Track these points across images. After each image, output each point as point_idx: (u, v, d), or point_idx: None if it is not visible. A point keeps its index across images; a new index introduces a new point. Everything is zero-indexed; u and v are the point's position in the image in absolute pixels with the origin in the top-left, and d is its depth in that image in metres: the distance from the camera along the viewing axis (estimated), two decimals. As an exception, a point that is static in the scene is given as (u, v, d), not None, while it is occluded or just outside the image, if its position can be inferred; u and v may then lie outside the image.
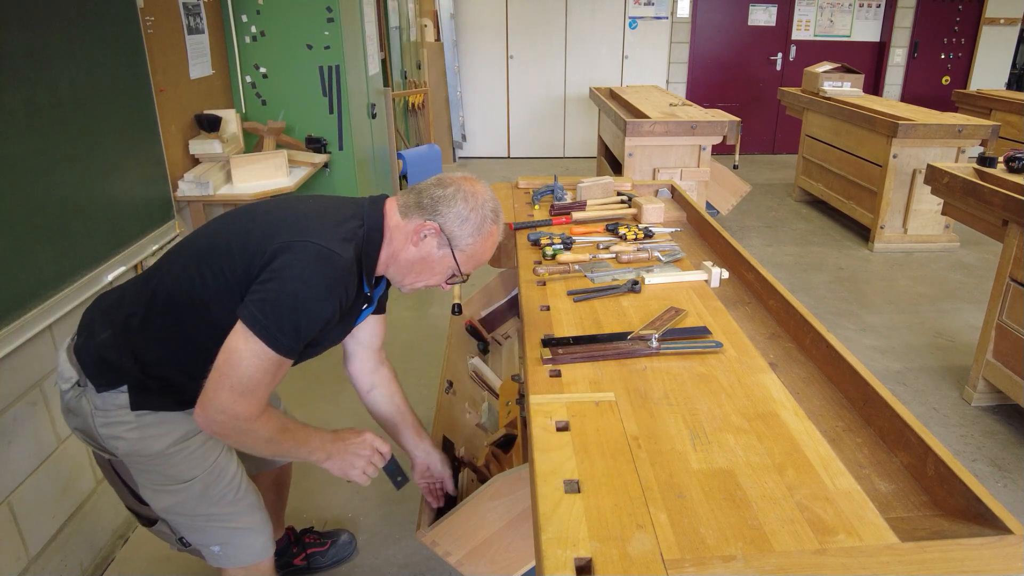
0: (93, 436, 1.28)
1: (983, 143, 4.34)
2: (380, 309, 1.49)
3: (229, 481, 1.37)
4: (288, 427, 1.24)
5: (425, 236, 1.27)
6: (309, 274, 1.15)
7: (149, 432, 1.26)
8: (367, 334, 1.50)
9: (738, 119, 4.16)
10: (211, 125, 2.67)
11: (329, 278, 1.17)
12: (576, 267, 1.78)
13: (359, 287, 1.29)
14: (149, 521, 1.43)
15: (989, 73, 7.54)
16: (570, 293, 1.64)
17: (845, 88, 5.44)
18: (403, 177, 4.56)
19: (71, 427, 1.32)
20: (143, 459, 1.28)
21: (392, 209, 1.31)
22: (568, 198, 2.35)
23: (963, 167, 2.90)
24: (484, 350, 2.45)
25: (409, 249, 1.29)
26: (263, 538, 1.44)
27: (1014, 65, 7.66)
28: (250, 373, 1.12)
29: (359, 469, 1.35)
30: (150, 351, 1.24)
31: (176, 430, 1.28)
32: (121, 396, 1.24)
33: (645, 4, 7.13)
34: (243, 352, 1.12)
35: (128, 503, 1.44)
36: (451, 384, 2.34)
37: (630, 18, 7.18)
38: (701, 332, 1.40)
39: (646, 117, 4.18)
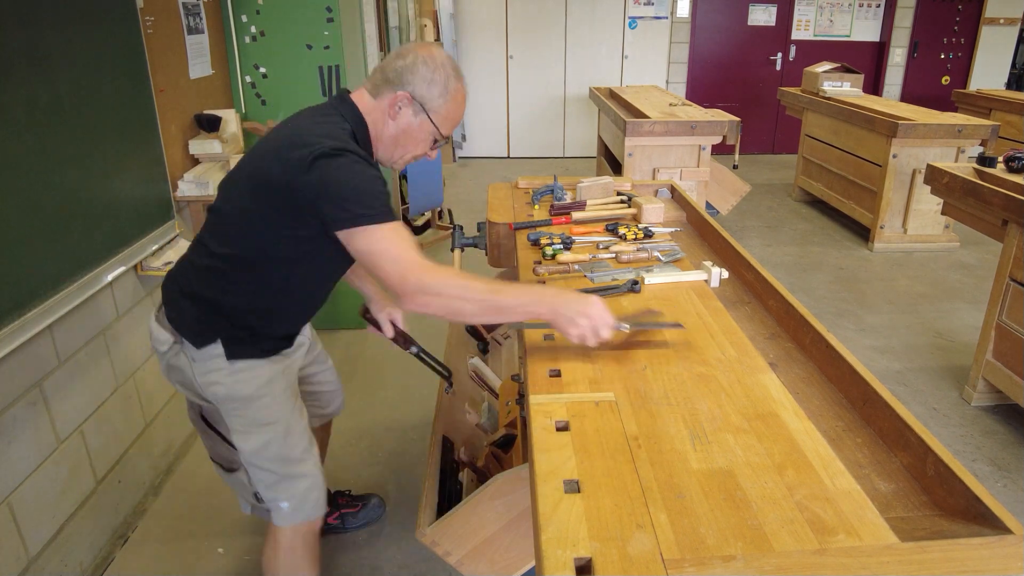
0: (192, 386, 1.46)
1: (983, 143, 4.34)
2: None
3: (303, 430, 1.53)
4: (490, 281, 1.31)
5: (400, 108, 1.38)
6: (341, 161, 1.26)
7: (240, 377, 1.43)
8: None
9: (738, 119, 4.16)
10: (211, 125, 2.67)
11: (352, 156, 1.28)
12: (576, 267, 1.78)
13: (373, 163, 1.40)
14: (230, 469, 1.58)
15: (989, 73, 7.54)
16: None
17: (845, 88, 5.44)
18: (403, 177, 4.56)
19: (172, 381, 1.50)
20: (236, 402, 1.44)
21: (361, 96, 1.41)
22: (568, 198, 2.35)
23: (963, 167, 2.90)
24: (484, 350, 2.45)
25: (389, 124, 1.40)
26: (323, 494, 1.57)
27: (1014, 65, 7.67)
28: (397, 254, 1.23)
29: (581, 330, 1.26)
30: (232, 305, 1.40)
31: (262, 375, 1.45)
32: (216, 348, 1.40)
33: (645, 4, 7.13)
34: (377, 246, 1.24)
35: (215, 453, 1.60)
36: (451, 384, 2.34)
37: (630, 18, 7.18)
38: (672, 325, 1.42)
39: (646, 117, 4.18)
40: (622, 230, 2.01)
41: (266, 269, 1.38)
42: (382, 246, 1.24)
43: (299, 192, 1.27)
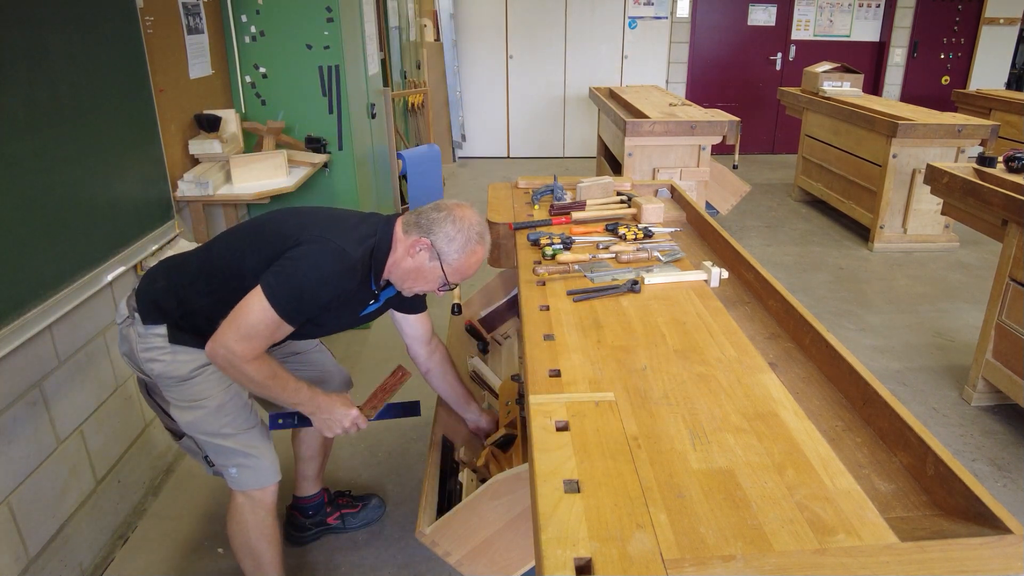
0: (135, 359, 1.60)
1: (983, 143, 4.34)
2: (421, 307, 1.82)
3: (241, 407, 1.65)
4: (279, 376, 1.51)
5: (420, 250, 1.55)
6: (320, 262, 1.45)
7: (178, 358, 1.56)
8: (413, 329, 1.83)
9: (738, 119, 4.16)
10: (211, 125, 2.67)
11: (334, 271, 1.46)
12: (576, 267, 1.78)
13: (366, 285, 1.57)
14: (178, 436, 1.71)
15: (989, 73, 7.54)
16: (570, 293, 1.64)
17: (845, 88, 5.44)
18: (403, 177, 4.55)
19: (120, 352, 1.65)
20: (171, 380, 1.57)
21: (399, 226, 1.59)
22: (568, 198, 2.35)
23: (963, 167, 2.90)
24: (484, 350, 2.44)
25: (407, 259, 1.57)
26: (271, 464, 1.67)
27: (1013, 65, 7.66)
28: (253, 323, 1.41)
29: (336, 431, 1.63)
30: (192, 302, 1.54)
31: (197, 360, 1.57)
32: (160, 329, 1.55)
33: (645, 4, 7.13)
34: (253, 307, 1.41)
35: (163, 422, 1.74)
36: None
37: (630, 18, 7.18)
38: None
39: (646, 117, 4.18)
40: (622, 230, 2.01)
41: (225, 282, 1.52)
42: (254, 312, 1.41)
43: (284, 245, 1.47)
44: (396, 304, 1.76)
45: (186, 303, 1.55)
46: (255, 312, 1.41)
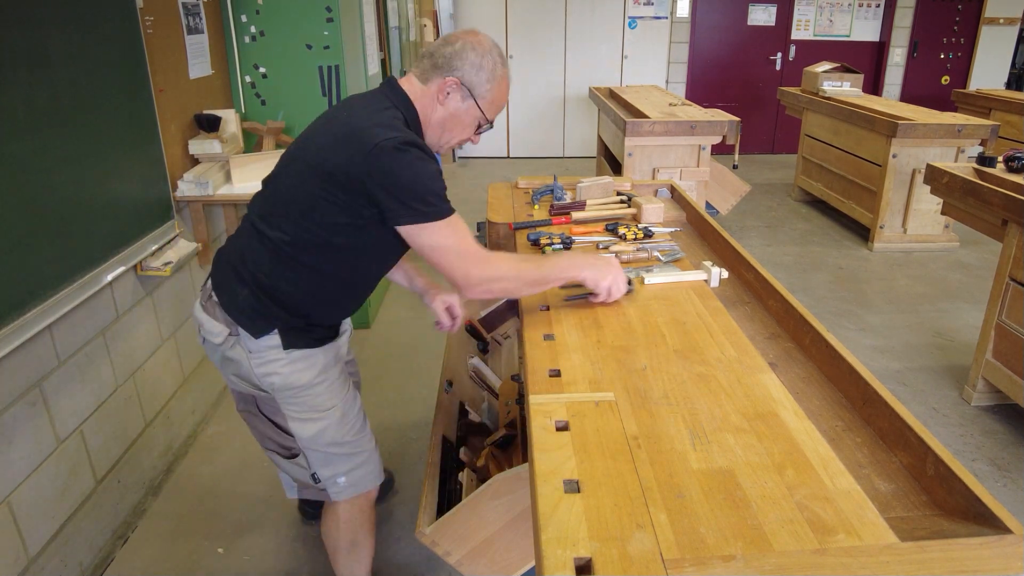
0: (250, 378, 1.48)
1: (982, 143, 4.34)
2: None
3: (358, 412, 1.61)
4: (533, 258, 1.46)
5: (449, 93, 1.41)
6: (403, 157, 1.29)
7: (297, 366, 1.46)
8: None
9: (738, 119, 4.16)
10: (211, 125, 2.67)
11: (412, 149, 1.31)
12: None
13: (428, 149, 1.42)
14: (289, 455, 1.60)
15: (988, 73, 7.54)
16: (564, 291, 1.63)
17: (845, 88, 5.44)
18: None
19: (227, 374, 1.52)
20: (293, 391, 1.47)
21: (410, 83, 1.44)
22: (568, 198, 2.35)
23: (963, 167, 2.90)
24: (484, 350, 2.45)
25: (438, 109, 1.43)
26: (377, 467, 1.65)
27: (1013, 65, 7.66)
28: (456, 247, 1.33)
29: (610, 283, 1.47)
30: (288, 296, 1.42)
31: (318, 363, 1.49)
32: (273, 338, 1.43)
33: (645, 4, 7.13)
34: (440, 242, 1.33)
35: (270, 442, 1.61)
36: (451, 384, 2.34)
37: (630, 18, 7.18)
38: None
39: (646, 117, 4.18)
40: (622, 230, 2.01)
41: (324, 256, 1.40)
42: (447, 242, 1.33)
43: (362, 184, 1.30)
44: None
45: (284, 300, 1.42)
46: (442, 242, 1.33)
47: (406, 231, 1.34)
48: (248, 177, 2.67)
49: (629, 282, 1.56)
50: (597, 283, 1.47)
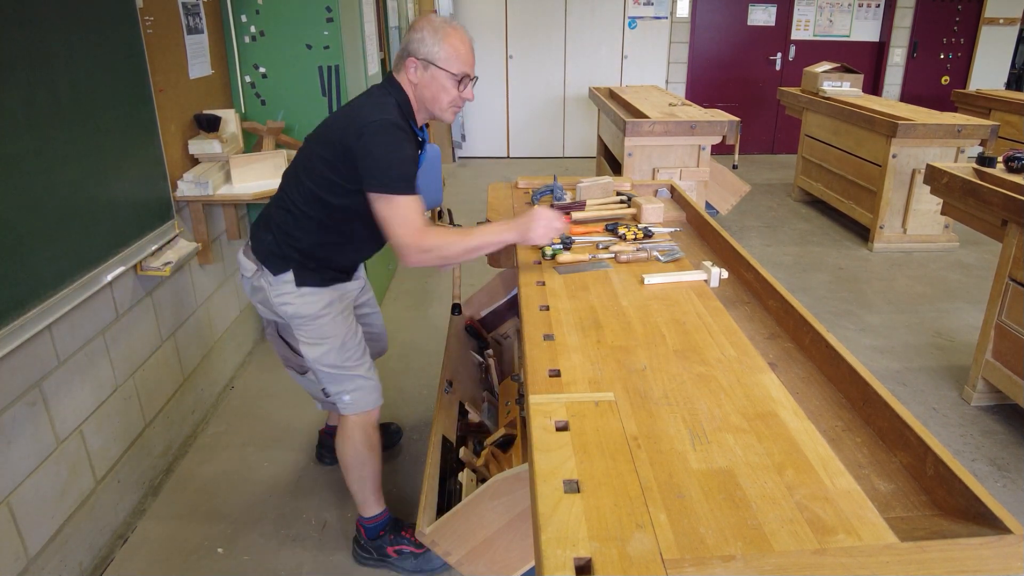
0: (269, 304, 1.84)
1: (982, 143, 4.34)
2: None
3: (358, 343, 1.90)
4: (467, 231, 1.72)
5: (414, 70, 1.72)
6: (383, 137, 1.62)
7: (306, 299, 1.79)
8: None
9: (737, 119, 4.16)
10: (210, 125, 2.67)
11: (394, 131, 1.64)
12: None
13: (414, 136, 1.75)
14: (301, 371, 2.04)
15: (988, 73, 7.54)
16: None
17: (844, 88, 5.44)
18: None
19: (255, 300, 1.90)
20: (302, 319, 1.81)
21: (398, 75, 1.76)
22: (567, 198, 2.35)
23: (962, 167, 2.90)
24: (484, 349, 2.45)
25: (416, 88, 1.74)
26: (376, 392, 1.94)
27: (1013, 65, 7.66)
28: (405, 218, 1.62)
29: (541, 232, 1.72)
30: (303, 242, 1.76)
31: (324, 299, 1.81)
32: (288, 276, 1.77)
33: (645, 4, 7.13)
34: (390, 212, 1.62)
35: (288, 361, 2.05)
36: (451, 384, 2.34)
37: (629, 18, 7.18)
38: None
39: (646, 117, 4.18)
40: (622, 230, 2.01)
41: (326, 212, 1.73)
42: (395, 212, 1.62)
43: (351, 151, 1.63)
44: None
45: (299, 245, 1.76)
46: (395, 213, 1.61)
47: (370, 197, 1.64)
48: (248, 177, 2.67)
49: (568, 240, 1.89)
50: (525, 238, 1.72)
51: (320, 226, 1.75)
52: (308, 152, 1.76)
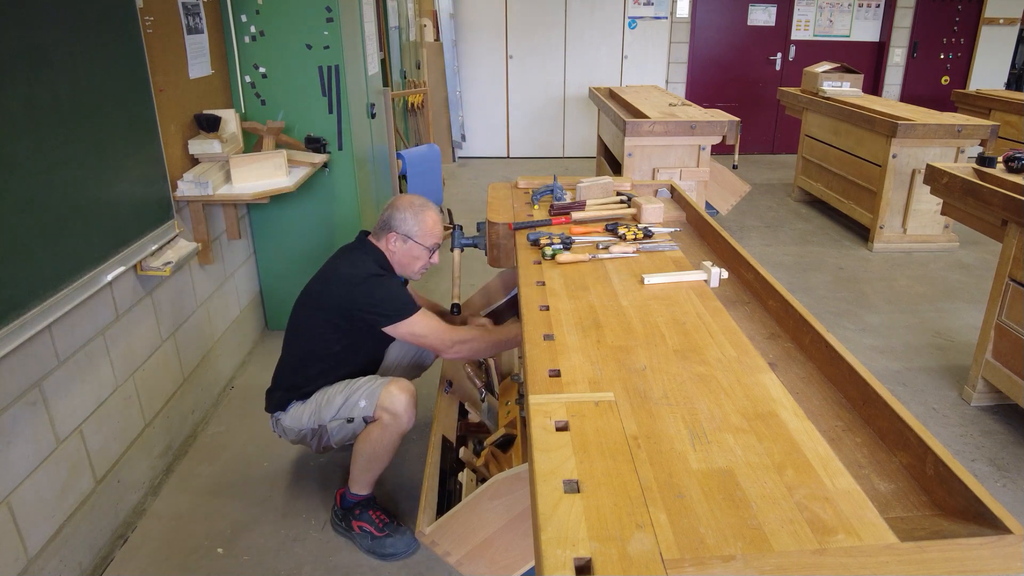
0: (298, 431, 2.12)
1: (982, 143, 4.34)
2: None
3: (345, 385, 2.06)
4: (488, 330, 2.13)
5: (394, 241, 2.09)
6: (380, 283, 2.00)
7: (306, 410, 2.11)
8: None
9: (737, 119, 4.16)
10: (210, 125, 2.67)
11: (387, 279, 2.04)
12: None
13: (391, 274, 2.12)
14: (348, 440, 2.11)
15: (988, 73, 7.54)
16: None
17: (844, 88, 5.44)
18: (402, 177, 4.55)
19: (289, 440, 2.19)
20: (312, 412, 2.08)
21: (375, 239, 2.13)
22: (567, 198, 2.35)
23: (962, 167, 2.90)
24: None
25: (393, 254, 2.11)
26: (381, 386, 2.00)
27: (1013, 65, 7.67)
28: (430, 330, 1.99)
29: None
30: (307, 387, 2.10)
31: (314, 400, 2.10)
32: (294, 406, 2.12)
33: (645, 4, 7.13)
34: (414, 331, 1.98)
35: (323, 446, 2.16)
36: (451, 384, 2.34)
37: (629, 18, 7.18)
38: None
39: (646, 117, 4.18)
40: (622, 230, 2.01)
41: (327, 363, 2.07)
42: (419, 329, 1.98)
43: (353, 306, 1.98)
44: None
45: (303, 389, 2.10)
46: (416, 332, 1.97)
47: (390, 329, 1.97)
48: (248, 177, 2.67)
49: None
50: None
51: (319, 368, 2.08)
52: (307, 317, 2.09)
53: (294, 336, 2.13)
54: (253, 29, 2.96)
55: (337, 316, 2.00)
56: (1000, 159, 2.83)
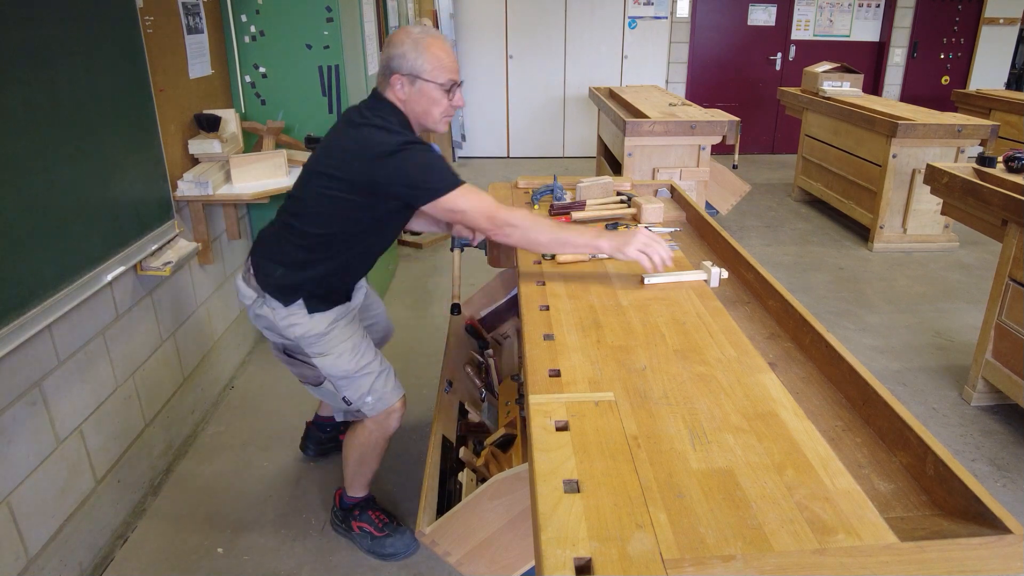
0: (276, 328, 1.85)
1: (982, 143, 4.34)
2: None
3: (367, 346, 1.91)
4: (550, 223, 1.71)
5: (400, 87, 1.69)
6: (411, 154, 1.61)
7: (315, 319, 1.81)
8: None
9: (737, 119, 4.16)
10: (210, 125, 2.67)
11: (413, 146, 1.63)
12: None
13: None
14: (318, 383, 1.96)
15: (988, 73, 7.54)
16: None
17: (844, 88, 5.44)
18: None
19: (259, 326, 1.90)
20: (312, 337, 1.82)
21: (386, 92, 1.73)
22: (567, 198, 2.35)
23: (962, 167, 2.90)
24: (484, 349, 2.44)
25: (406, 104, 1.72)
26: (395, 382, 1.96)
27: (1013, 65, 7.66)
28: (479, 204, 1.63)
29: (637, 248, 1.63)
30: (318, 271, 1.78)
31: (330, 317, 1.84)
32: (298, 306, 1.80)
33: (645, 4, 7.13)
34: (461, 205, 1.62)
35: (301, 375, 1.99)
36: (451, 384, 2.34)
37: (629, 18, 7.18)
38: None
39: (646, 117, 4.18)
40: (622, 230, 2.01)
41: (347, 241, 1.76)
42: (466, 203, 1.62)
43: (383, 183, 1.62)
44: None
45: (313, 273, 1.78)
46: (462, 206, 1.62)
47: (430, 206, 1.63)
48: (248, 177, 2.67)
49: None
50: (618, 250, 1.65)
51: (338, 256, 1.78)
52: (318, 182, 1.69)
53: (307, 207, 1.74)
54: (253, 29, 2.96)
55: (360, 191, 1.66)
56: (1000, 159, 2.83)
